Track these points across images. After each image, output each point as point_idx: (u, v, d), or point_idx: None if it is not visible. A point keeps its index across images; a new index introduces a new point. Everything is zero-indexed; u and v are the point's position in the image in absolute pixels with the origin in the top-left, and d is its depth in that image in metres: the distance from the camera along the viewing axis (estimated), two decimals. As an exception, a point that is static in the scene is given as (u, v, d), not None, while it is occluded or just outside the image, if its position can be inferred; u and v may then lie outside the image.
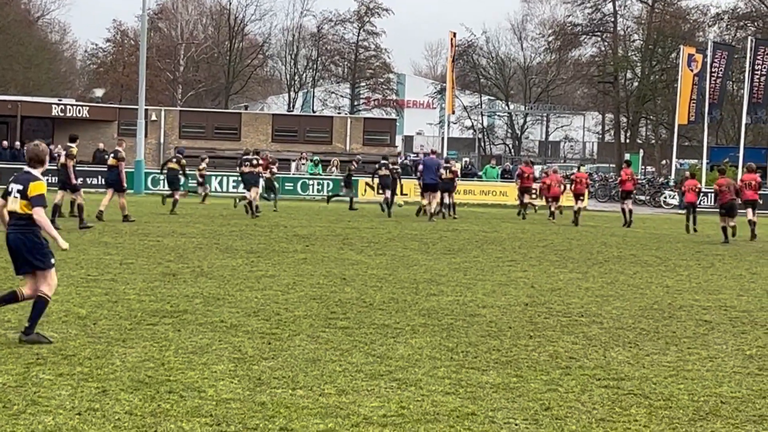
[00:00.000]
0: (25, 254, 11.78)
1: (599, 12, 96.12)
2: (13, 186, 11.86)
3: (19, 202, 11.74)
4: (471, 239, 29.06)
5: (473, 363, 11.35)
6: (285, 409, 9.06)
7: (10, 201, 11.83)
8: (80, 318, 13.28)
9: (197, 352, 11.41)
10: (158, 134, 67.12)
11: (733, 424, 9.19)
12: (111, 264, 19.48)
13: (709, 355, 12.29)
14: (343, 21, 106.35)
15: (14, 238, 11.78)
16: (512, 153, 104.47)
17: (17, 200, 11.75)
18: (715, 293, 18.49)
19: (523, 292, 17.66)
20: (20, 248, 11.77)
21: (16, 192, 11.77)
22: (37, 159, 12.04)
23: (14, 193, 11.79)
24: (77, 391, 9.46)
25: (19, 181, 11.85)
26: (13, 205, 11.80)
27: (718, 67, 63.19)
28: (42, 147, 12.20)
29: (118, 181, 30.64)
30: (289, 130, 69.14)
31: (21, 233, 11.75)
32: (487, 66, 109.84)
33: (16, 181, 11.87)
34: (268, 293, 16.26)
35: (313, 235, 28.18)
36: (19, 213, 11.75)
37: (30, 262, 11.81)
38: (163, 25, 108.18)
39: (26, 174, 11.91)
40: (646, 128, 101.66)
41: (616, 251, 26.88)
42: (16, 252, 11.83)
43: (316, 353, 11.54)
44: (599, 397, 9.96)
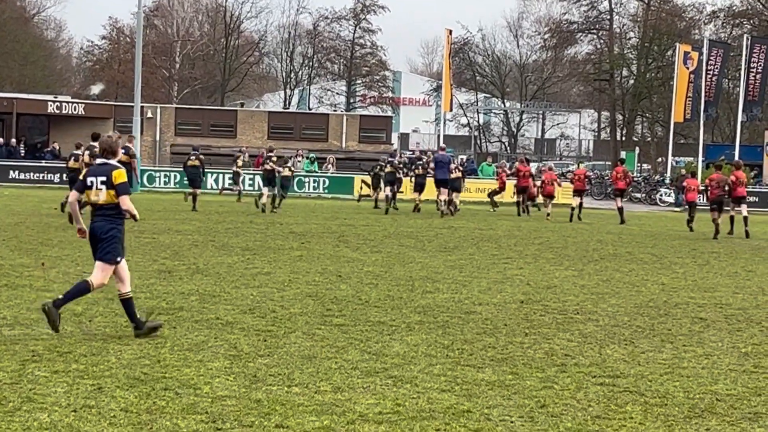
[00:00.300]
0: (107, 245, 12.05)
1: (595, 9, 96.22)
2: (93, 179, 12.10)
3: (106, 193, 12.04)
4: (467, 236, 29.06)
5: (469, 360, 11.36)
6: (281, 406, 9.06)
7: (93, 194, 12.09)
8: (76, 315, 13.27)
9: (193, 349, 11.40)
10: (154, 131, 67.06)
11: (729, 421, 9.19)
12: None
13: (704, 353, 12.30)
14: (339, 18, 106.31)
15: (99, 225, 12.06)
16: (508, 150, 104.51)
17: (102, 191, 12.04)
18: (710, 291, 18.50)
19: (519, 289, 17.67)
20: (100, 234, 12.03)
21: (99, 184, 12.05)
22: (110, 150, 12.28)
23: (98, 185, 12.05)
24: (73, 388, 9.46)
25: (100, 172, 12.10)
26: (96, 197, 12.08)
27: (714, 64, 63.18)
28: (114, 138, 12.48)
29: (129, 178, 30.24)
30: (285, 128, 69.07)
31: (107, 221, 12.06)
32: (483, 63, 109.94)
33: (96, 174, 12.12)
34: (263, 290, 16.26)
35: (309, 233, 28.18)
36: (106, 203, 12.06)
37: (107, 252, 12.06)
38: (159, 23, 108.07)
39: (105, 165, 12.16)
40: (642, 126, 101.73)
41: (612, 249, 26.89)
42: (98, 240, 12.08)
43: (312, 350, 11.54)
44: (595, 395, 9.96)
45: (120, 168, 12.17)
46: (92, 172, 12.21)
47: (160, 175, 55.95)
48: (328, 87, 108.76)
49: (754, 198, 58.68)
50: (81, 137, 63.98)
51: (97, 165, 12.30)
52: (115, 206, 12.07)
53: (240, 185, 47.47)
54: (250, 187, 55.69)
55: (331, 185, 56.15)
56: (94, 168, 12.28)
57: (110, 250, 12.08)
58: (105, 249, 12.06)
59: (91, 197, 12.15)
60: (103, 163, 12.20)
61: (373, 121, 74.18)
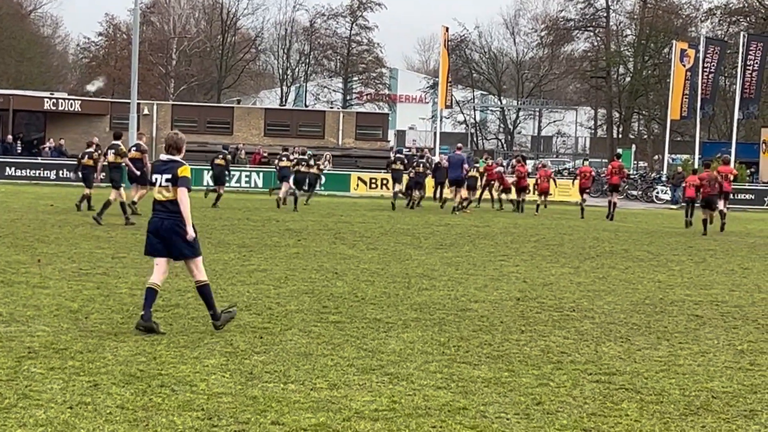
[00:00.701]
0: (184, 242, 12.22)
1: (592, 7, 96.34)
2: (159, 176, 12.26)
3: (172, 189, 12.18)
4: (463, 234, 29.07)
5: (465, 357, 11.36)
6: (277, 403, 9.06)
7: (156, 191, 12.27)
8: (72, 312, 13.26)
9: (189, 346, 11.40)
10: (150, 128, 66.99)
11: (724, 418, 9.20)
12: (103, 258, 19.47)
13: (700, 350, 12.31)
14: (336, 15, 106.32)
15: (170, 226, 12.21)
16: (505, 148, 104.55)
17: (168, 188, 12.19)
18: (706, 288, 18.51)
19: (515, 286, 17.67)
20: (177, 235, 12.20)
21: (164, 181, 12.21)
22: (176, 146, 12.37)
23: (162, 182, 12.22)
24: (69, 385, 9.45)
25: (166, 170, 12.25)
26: (161, 195, 12.24)
27: (711, 62, 63.25)
28: (180, 135, 12.58)
29: (142, 174, 30.33)
30: (281, 125, 69.07)
31: (178, 220, 12.19)
32: (480, 61, 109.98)
33: (161, 171, 12.27)
34: (260, 287, 16.26)
35: (306, 230, 28.18)
36: (173, 199, 12.18)
37: (190, 247, 12.30)
38: (156, 19, 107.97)
39: (171, 162, 12.28)
40: (639, 123, 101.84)
41: (608, 246, 26.91)
42: (169, 240, 12.22)
43: (308, 347, 11.55)
44: (590, 392, 9.97)
45: (185, 165, 12.32)
46: (157, 169, 12.36)
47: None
48: (324, 84, 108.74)
49: (749, 195, 58.78)
50: (77, 134, 64.18)
51: (162, 162, 12.40)
52: None
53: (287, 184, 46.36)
54: (246, 184, 55.71)
55: (328, 182, 56.10)
56: (159, 165, 12.41)
57: (195, 245, 12.37)
58: (185, 246, 12.29)
59: (155, 194, 12.34)
60: (170, 160, 12.33)
61: (369, 119, 74.19)
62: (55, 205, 34.35)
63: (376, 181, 56.06)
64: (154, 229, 12.27)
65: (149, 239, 12.37)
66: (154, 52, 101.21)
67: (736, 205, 56.63)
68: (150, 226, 12.35)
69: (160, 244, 12.29)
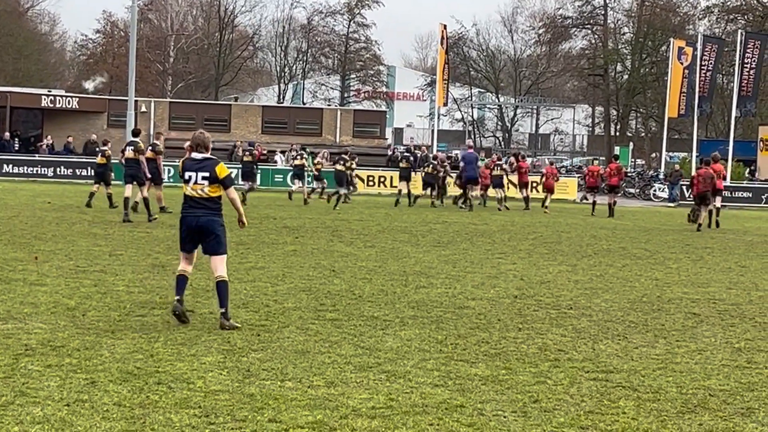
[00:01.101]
0: (219, 237, 12.68)
1: (589, 5, 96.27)
2: (194, 174, 12.66)
3: (209, 187, 12.63)
4: (460, 231, 29.07)
5: (462, 355, 11.36)
6: (274, 401, 9.06)
7: (191, 188, 12.68)
8: (69, 309, 13.26)
9: (186, 343, 11.40)
10: (148, 125, 66.86)
11: (722, 416, 9.20)
12: (100, 255, 19.46)
13: (697, 348, 12.31)
14: (334, 13, 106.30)
15: (207, 223, 12.63)
16: (502, 145, 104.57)
17: (205, 186, 12.62)
18: (704, 286, 18.52)
19: (513, 284, 17.67)
20: (214, 231, 12.64)
21: (200, 179, 12.63)
22: (204, 145, 12.82)
23: (198, 180, 12.64)
24: (66, 383, 9.45)
25: (201, 168, 12.68)
26: (196, 192, 12.66)
27: (708, 60, 63.21)
28: (207, 134, 13.04)
29: (157, 174, 30.96)
30: (278, 122, 69.01)
31: (214, 216, 12.69)
32: (478, 58, 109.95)
33: (197, 169, 12.69)
34: (257, 285, 16.26)
35: (303, 227, 28.17)
36: (209, 196, 12.67)
37: (221, 245, 12.70)
38: (153, 16, 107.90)
39: (206, 160, 12.73)
40: (636, 121, 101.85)
41: (606, 244, 26.91)
42: (206, 233, 12.64)
43: (305, 345, 11.55)
44: (588, 390, 9.97)
45: (221, 162, 12.81)
46: (190, 167, 12.72)
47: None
48: (322, 81, 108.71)
49: (747, 193, 58.77)
50: (75, 131, 64.14)
51: (195, 160, 12.75)
52: (217, 199, 12.70)
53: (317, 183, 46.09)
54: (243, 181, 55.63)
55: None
56: (191, 162, 12.75)
57: (224, 243, 12.72)
58: (219, 242, 12.66)
59: (188, 191, 12.69)
60: (204, 158, 12.72)
61: (367, 116, 74.14)
62: (53, 202, 34.33)
63: (374, 179, 56.02)
64: (192, 227, 12.66)
65: (182, 236, 12.82)
66: (152, 50, 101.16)
67: (733, 203, 56.65)
68: (187, 223, 12.71)
69: (197, 240, 12.74)
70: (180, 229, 12.85)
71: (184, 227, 12.76)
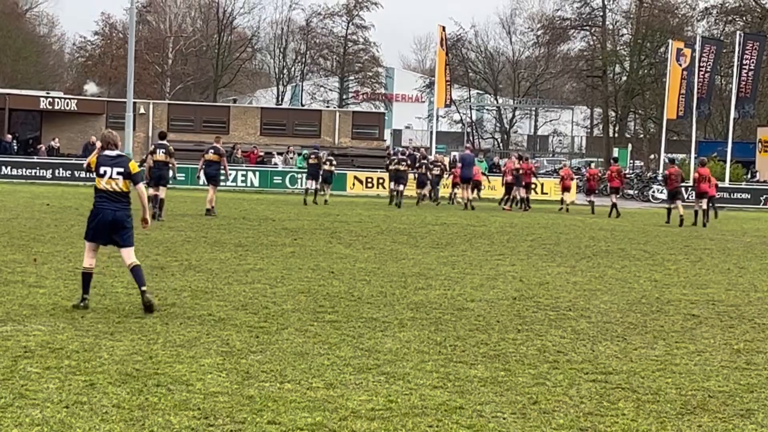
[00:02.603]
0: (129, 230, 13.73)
1: (588, 6, 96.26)
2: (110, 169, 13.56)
3: (121, 182, 13.57)
4: (459, 233, 29.07)
5: (461, 357, 11.36)
6: (273, 403, 9.06)
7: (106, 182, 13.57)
8: (68, 311, 13.25)
9: (185, 345, 11.39)
10: (147, 127, 66.95)
11: (721, 418, 9.20)
12: (99, 257, 19.42)
13: (696, 350, 12.31)
14: (332, 14, 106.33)
15: (122, 215, 13.60)
16: (501, 147, 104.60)
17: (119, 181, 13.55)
18: (703, 287, 18.52)
19: (512, 286, 17.67)
20: (126, 224, 13.64)
21: (116, 174, 13.54)
22: (114, 143, 13.77)
23: (113, 175, 13.54)
24: (65, 385, 9.45)
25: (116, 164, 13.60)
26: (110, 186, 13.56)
27: (707, 61, 63.22)
28: (115, 133, 14.00)
29: (217, 176, 32.65)
30: (277, 124, 68.99)
31: (127, 210, 13.69)
32: (476, 60, 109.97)
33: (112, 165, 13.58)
34: (256, 287, 16.25)
35: (302, 229, 28.17)
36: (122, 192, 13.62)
37: (131, 237, 13.80)
38: (152, 18, 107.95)
39: (119, 156, 13.72)
40: (635, 122, 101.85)
41: (605, 245, 26.91)
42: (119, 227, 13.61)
43: (305, 347, 11.54)
44: (587, 391, 9.97)
45: (132, 159, 13.87)
46: (105, 162, 13.55)
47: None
48: (320, 83, 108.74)
49: (745, 195, 58.80)
50: (74, 133, 64.17)
51: (110, 156, 13.62)
52: (127, 194, 13.57)
53: None
54: (242, 183, 55.68)
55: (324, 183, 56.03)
56: (106, 158, 13.60)
57: (132, 235, 13.75)
58: (129, 234, 13.62)
59: (102, 185, 13.56)
60: (118, 155, 13.66)
61: (365, 118, 74.12)
62: (51, 204, 34.33)
63: (373, 181, 56.04)
64: (108, 221, 13.50)
65: (96, 229, 13.59)
66: (150, 51, 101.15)
67: (732, 204, 56.72)
68: (100, 215, 13.55)
69: (108, 233, 13.57)
70: (91, 221, 13.66)
71: (98, 220, 13.55)
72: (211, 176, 32.90)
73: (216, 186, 32.80)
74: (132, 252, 13.64)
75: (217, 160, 32.83)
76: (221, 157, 32.86)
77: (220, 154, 32.78)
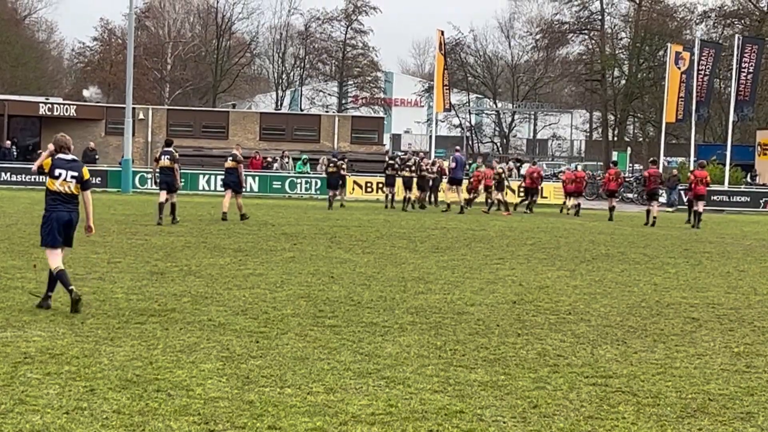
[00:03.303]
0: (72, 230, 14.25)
1: (587, 10, 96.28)
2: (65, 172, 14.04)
3: (74, 186, 14.05)
4: (459, 237, 29.07)
5: (461, 361, 11.36)
6: (273, 408, 9.06)
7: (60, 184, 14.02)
8: (68, 317, 13.26)
9: (185, 350, 11.39)
10: (146, 133, 66.94)
11: (721, 421, 9.20)
12: (98, 263, 19.45)
13: (696, 353, 12.31)
14: (331, 19, 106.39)
15: (76, 216, 14.21)
16: (500, 151, 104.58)
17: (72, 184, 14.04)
18: (702, 291, 18.52)
19: (511, 290, 17.67)
20: (76, 225, 14.25)
21: (70, 177, 14.03)
22: (67, 146, 14.28)
23: (68, 178, 14.02)
24: (65, 390, 9.45)
25: (71, 168, 14.08)
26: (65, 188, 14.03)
27: (706, 65, 63.21)
28: (68, 138, 14.49)
29: (237, 183, 33.16)
30: (276, 129, 68.97)
31: (77, 212, 14.23)
32: (475, 64, 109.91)
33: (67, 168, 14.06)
34: (256, 292, 16.25)
35: (301, 234, 28.17)
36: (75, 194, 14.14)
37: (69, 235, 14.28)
38: (151, 24, 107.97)
39: (74, 161, 14.22)
40: (634, 126, 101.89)
41: (604, 249, 26.91)
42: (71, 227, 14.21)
43: (304, 352, 11.54)
44: (587, 395, 9.97)
45: (84, 165, 14.39)
46: (61, 165, 14.02)
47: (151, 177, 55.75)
48: (319, 88, 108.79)
49: (745, 198, 58.80)
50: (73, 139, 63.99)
51: (65, 160, 14.09)
52: (77, 197, 14.12)
53: None
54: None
55: (324, 186, 56.07)
56: (62, 161, 14.07)
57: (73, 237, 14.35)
58: (73, 235, 14.25)
59: (55, 186, 14.02)
60: (73, 159, 14.17)
61: (364, 122, 74.11)
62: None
63: (372, 185, 56.03)
64: (66, 221, 14.01)
65: (57, 230, 13.97)
66: (149, 57, 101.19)
67: (731, 207, 56.73)
68: (57, 216, 13.98)
69: (65, 233, 14.05)
70: (50, 224, 14.02)
71: (56, 222, 13.97)
72: (233, 184, 33.17)
73: (239, 193, 33.41)
74: (68, 253, 14.52)
75: (234, 167, 33.20)
76: (239, 164, 33.28)
77: (237, 161, 33.24)
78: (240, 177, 33.26)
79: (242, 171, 33.85)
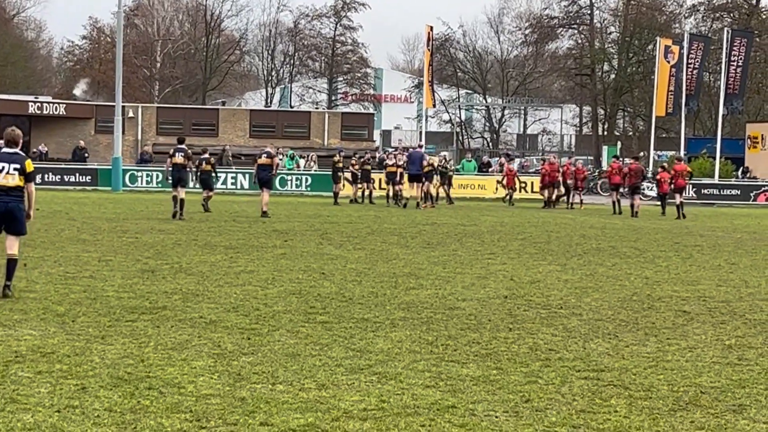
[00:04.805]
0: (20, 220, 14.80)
1: (575, 4, 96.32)
2: (7, 165, 14.52)
3: (18, 178, 14.53)
4: (450, 233, 29.08)
5: (453, 356, 11.35)
6: (265, 404, 9.04)
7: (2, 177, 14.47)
8: (59, 315, 13.23)
9: (176, 348, 11.37)
10: (135, 131, 66.96)
11: (713, 413, 9.20)
12: (89, 261, 19.42)
13: (688, 346, 12.31)
14: (320, 16, 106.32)
15: (15, 207, 14.64)
16: (490, 146, 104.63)
17: (15, 176, 14.50)
18: (694, 284, 18.53)
19: (503, 284, 17.67)
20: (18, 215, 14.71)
21: (12, 170, 14.50)
22: (14, 141, 14.83)
23: (10, 170, 14.49)
24: (56, 389, 9.42)
25: (14, 161, 14.58)
26: (7, 181, 14.46)
27: (695, 58, 63.34)
28: (18, 131, 14.99)
29: (270, 180, 34.63)
30: (266, 126, 69.00)
31: (19, 203, 14.72)
32: (465, 60, 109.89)
33: (9, 161, 14.54)
34: (247, 289, 16.23)
35: (292, 230, 28.16)
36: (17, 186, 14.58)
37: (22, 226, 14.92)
38: (140, 22, 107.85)
39: (17, 154, 14.69)
40: (624, 120, 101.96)
41: (595, 243, 26.93)
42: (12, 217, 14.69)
43: (296, 348, 11.53)
44: (579, 389, 9.97)
45: (29, 158, 14.93)
46: (3, 159, 14.56)
47: (142, 175, 55.76)
48: (309, 85, 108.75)
49: (735, 191, 58.90)
50: (63, 138, 64.06)
51: (8, 153, 14.64)
52: (21, 189, 14.63)
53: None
54: (232, 185, 55.66)
55: (314, 183, 56.12)
56: (4, 155, 14.62)
57: (24, 224, 14.88)
58: (21, 223, 14.75)
59: None
60: (15, 153, 14.69)
61: (354, 119, 74.21)
62: (41, 209, 34.26)
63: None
64: (2, 212, 14.53)
65: None
66: (139, 55, 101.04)
67: (722, 200, 56.84)
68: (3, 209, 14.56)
69: (3, 222, 14.64)
70: None
71: None
72: (265, 180, 34.16)
73: (270, 189, 34.48)
74: (17, 243, 14.85)
75: (270, 164, 34.31)
76: (272, 159, 34.44)
77: (271, 157, 34.36)
78: (273, 172, 34.57)
79: (276, 165, 35.16)
